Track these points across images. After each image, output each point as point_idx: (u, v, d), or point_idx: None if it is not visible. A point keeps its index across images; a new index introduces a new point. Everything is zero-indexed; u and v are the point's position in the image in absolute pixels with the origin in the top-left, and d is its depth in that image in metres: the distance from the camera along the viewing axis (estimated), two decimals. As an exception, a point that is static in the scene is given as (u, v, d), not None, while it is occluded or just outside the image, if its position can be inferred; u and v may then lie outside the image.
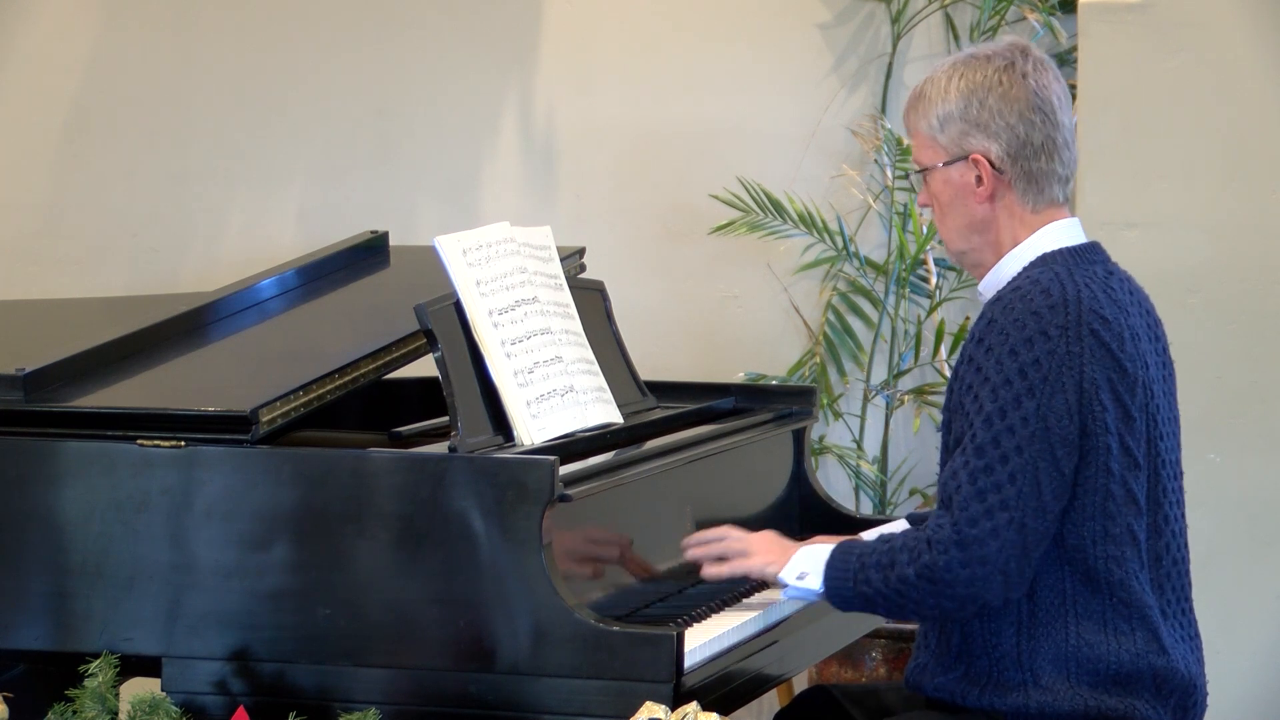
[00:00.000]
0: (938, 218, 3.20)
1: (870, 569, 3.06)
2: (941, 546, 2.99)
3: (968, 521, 2.98)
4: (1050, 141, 3.12)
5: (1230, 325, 4.62)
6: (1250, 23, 4.64)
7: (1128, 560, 3.04)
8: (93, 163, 5.70)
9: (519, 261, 3.50)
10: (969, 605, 3.01)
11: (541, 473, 3.08)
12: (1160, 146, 4.65)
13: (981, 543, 2.97)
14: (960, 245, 3.19)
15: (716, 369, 5.19)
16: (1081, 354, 3.01)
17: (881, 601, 3.07)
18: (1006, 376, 3.00)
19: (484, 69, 5.49)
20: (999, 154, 3.11)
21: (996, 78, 3.11)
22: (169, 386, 3.49)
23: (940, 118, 3.13)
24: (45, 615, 3.28)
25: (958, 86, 3.12)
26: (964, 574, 2.98)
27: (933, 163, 3.16)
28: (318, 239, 5.05)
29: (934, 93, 3.14)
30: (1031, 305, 3.02)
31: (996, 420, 2.99)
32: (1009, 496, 2.97)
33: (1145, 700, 3.04)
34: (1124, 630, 3.04)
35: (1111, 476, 3.02)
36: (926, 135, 3.15)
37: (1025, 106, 3.10)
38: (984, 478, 2.98)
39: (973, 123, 3.11)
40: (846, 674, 4.83)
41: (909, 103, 3.19)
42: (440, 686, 3.11)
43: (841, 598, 3.11)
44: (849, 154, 5.27)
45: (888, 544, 3.08)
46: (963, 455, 3.01)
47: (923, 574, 3.00)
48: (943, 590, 3.00)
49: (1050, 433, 2.98)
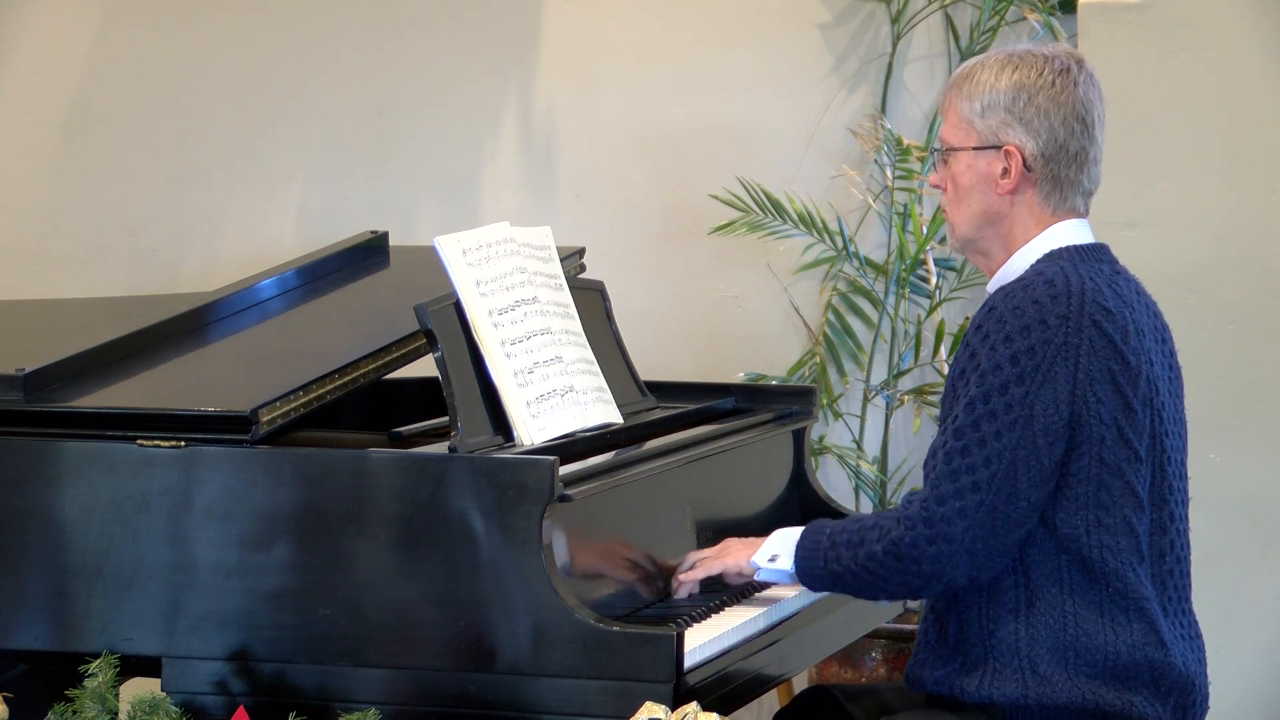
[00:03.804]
0: (950, 201, 3.19)
1: (840, 546, 3.09)
2: (909, 523, 3.02)
3: (937, 500, 3.01)
4: (1084, 153, 3.14)
5: (1230, 325, 4.63)
6: (1250, 23, 4.64)
7: (1123, 551, 3.04)
8: (93, 163, 5.70)
9: (519, 261, 3.50)
10: (934, 582, 3.03)
11: (541, 473, 3.08)
12: (1160, 146, 4.65)
13: (948, 521, 2.99)
14: (968, 233, 3.19)
15: (716, 369, 5.19)
16: (1080, 345, 3.01)
17: (850, 579, 3.09)
18: (997, 362, 3.01)
19: (484, 69, 5.49)
20: (1034, 152, 3.12)
21: (1051, 78, 3.12)
22: (169, 386, 3.49)
23: (985, 104, 3.13)
24: (45, 615, 3.28)
25: (1011, 78, 3.12)
26: (929, 551, 3.00)
27: (963, 144, 3.16)
28: (318, 239, 5.05)
29: (985, 77, 3.14)
30: (1034, 295, 3.03)
31: (980, 405, 3.01)
32: (981, 479, 2.99)
33: (1144, 696, 3.05)
34: (1121, 621, 3.04)
35: (1105, 467, 3.03)
36: (964, 117, 3.15)
37: (1070, 113, 3.12)
38: (959, 459, 3.00)
39: (1017, 116, 3.12)
40: (846, 674, 4.83)
41: (954, 80, 3.18)
42: (440, 686, 3.11)
43: (812, 576, 3.14)
44: (849, 154, 5.27)
45: (858, 522, 3.11)
46: (943, 435, 3.04)
47: (889, 550, 3.03)
48: (908, 566, 3.02)
49: (1034, 421, 2.99)
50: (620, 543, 3.36)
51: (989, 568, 3.03)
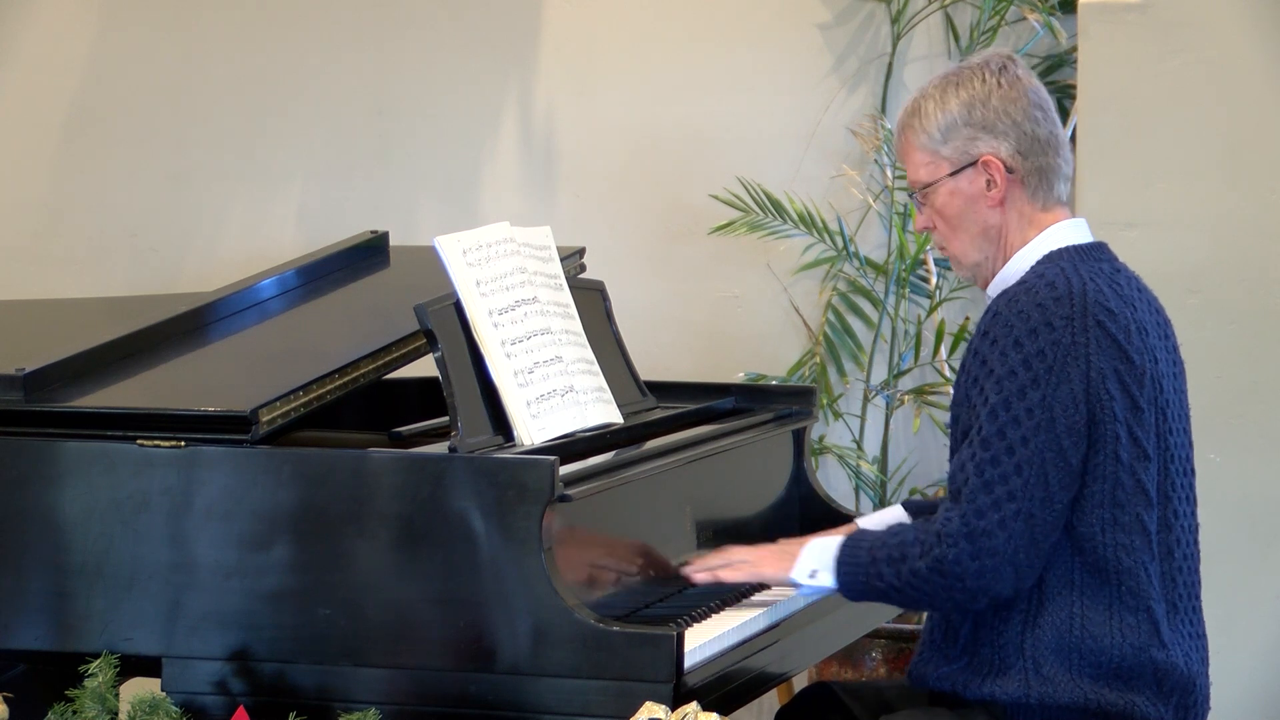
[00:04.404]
0: (945, 236, 3.18)
1: (882, 563, 3.08)
2: (951, 540, 3.00)
3: (975, 514, 3.00)
4: (1054, 137, 3.15)
5: (1230, 325, 4.62)
6: (1250, 23, 4.64)
7: (1138, 550, 3.05)
8: (93, 163, 5.70)
9: (519, 261, 3.50)
10: (980, 597, 3.03)
11: (541, 473, 3.08)
12: (1160, 146, 4.65)
13: (990, 534, 2.99)
14: (975, 258, 3.18)
15: (716, 369, 5.19)
16: (1087, 344, 3.02)
17: (895, 595, 3.10)
18: (1011, 368, 3.01)
19: (484, 69, 5.49)
20: (1009, 152, 3.12)
21: (994, 81, 3.13)
22: (169, 386, 3.49)
23: (942, 128, 3.13)
24: (45, 615, 3.28)
25: (957, 96, 3.13)
26: (973, 566, 2.99)
27: (935, 177, 3.15)
28: (318, 239, 5.05)
29: (930, 107, 3.14)
30: (1036, 298, 3.03)
31: (1002, 412, 3.00)
32: (1016, 488, 2.99)
33: (1145, 697, 3.05)
34: (1129, 623, 3.04)
35: (1121, 465, 3.03)
36: (927, 150, 3.15)
37: (1027, 104, 3.12)
38: (991, 469, 3.00)
39: (979, 125, 3.12)
40: (846, 674, 4.82)
41: (903, 122, 3.18)
42: (440, 686, 3.11)
43: (856, 592, 3.14)
44: (849, 154, 5.27)
45: (898, 537, 3.09)
46: (970, 448, 3.03)
47: (934, 567, 3.02)
48: (953, 583, 3.01)
49: (1056, 423, 3.00)
50: (620, 543, 3.36)
51: (1030, 576, 3.03)
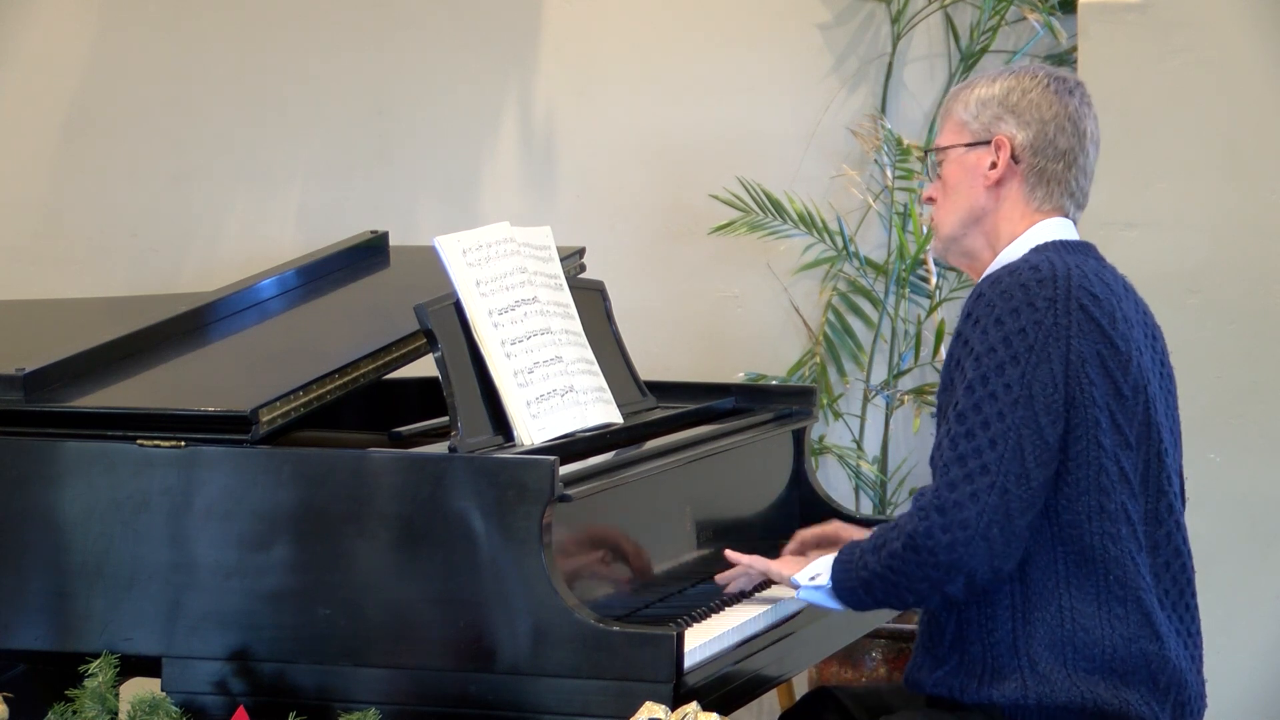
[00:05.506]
0: (938, 205, 3.24)
1: (867, 553, 3.10)
2: (923, 513, 3.01)
3: (948, 486, 3.00)
4: (1073, 154, 3.18)
5: (1230, 325, 4.62)
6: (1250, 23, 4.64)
7: (1123, 538, 3.05)
8: (93, 163, 5.70)
9: (519, 261, 3.50)
10: (955, 574, 3.01)
11: (541, 472, 3.08)
12: (1160, 146, 4.65)
13: (961, 506, 2.98)
14: (952, 230, 3.22)
15: (716, 369, 5.19)
16: (1069, 326, 3.03)
17: (879, 584, 3.08)
18: (990, 345, 3.02)
19: (484, 69, 5.49)
20: (1023, 142, 3.16)
21: (1047, 82, 3.20)
22: (169, 386, 3.49)
23: (980, 101, 3.20)
24: (45, 615, 3.28)
25: (1006, 81, 3.20)
26: (944, 539, 2.99)
27: (954, 142, 3.21)
28: (318, 239, 5.05)
29: (980, 81, 3.23)
30: (1020, 279, 3.06)
31: (979, 387, 3.01)
32: (990, 461, 2.99)
33: (1141, 694, 3.05)
34: (1119, 613, 3.04)
35: (1103, 451, 3.04)
36: (959, 120, 3.22)
37: (1063, 114, 3.18)
38: (965, 443, 3.00)
39: (1009, 108, 3.17)
40: (846, 674, 4.82)
41: (954, 92, 3.27)
42: (440, 686, 3.11)
43: (846, 588, 3.13)
44: (849, 154, 5.27)
45: (881, 528, 3.12)
46: (946, 424, 3.04)
47: (907, 544, 3.02)
48: (926, 558, 3.00)
49: (1034, 400, 3.00)
50: (620, 543, 3.36)
51: (1006, 556, 3.01)
